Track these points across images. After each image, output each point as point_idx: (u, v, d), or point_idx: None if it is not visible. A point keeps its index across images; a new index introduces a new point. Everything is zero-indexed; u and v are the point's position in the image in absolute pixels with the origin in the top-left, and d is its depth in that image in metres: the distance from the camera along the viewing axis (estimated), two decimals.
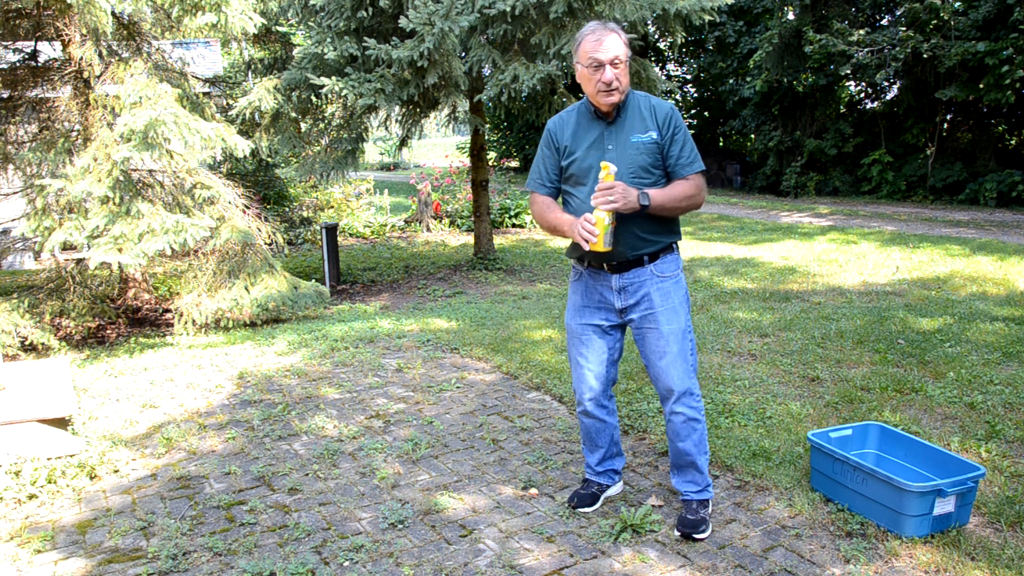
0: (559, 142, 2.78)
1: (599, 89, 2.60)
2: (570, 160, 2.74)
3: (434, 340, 5.52)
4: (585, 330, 2.85)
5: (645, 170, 2.66)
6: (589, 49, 2.59)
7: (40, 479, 3.30)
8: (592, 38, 2.60)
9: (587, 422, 2.97)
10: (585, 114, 2.75)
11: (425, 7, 6.42)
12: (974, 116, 14.97)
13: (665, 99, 3.03)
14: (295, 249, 11.21)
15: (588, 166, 2.70)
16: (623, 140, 2.67)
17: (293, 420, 4.01)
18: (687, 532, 2.72)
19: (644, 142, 2.65)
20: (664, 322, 2.71)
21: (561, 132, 2.78)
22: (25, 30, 6.30)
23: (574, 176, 2.75)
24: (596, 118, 2.72)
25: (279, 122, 7.79)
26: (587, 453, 3.05)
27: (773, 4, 16.75)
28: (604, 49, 2.57)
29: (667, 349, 2.71)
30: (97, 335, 6.42)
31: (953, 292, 6.61)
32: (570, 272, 2.93)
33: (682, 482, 2.88)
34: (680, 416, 2.76)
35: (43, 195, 5.27)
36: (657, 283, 2.72)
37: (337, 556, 2.69)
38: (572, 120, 2.78)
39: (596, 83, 2.60)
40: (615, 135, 2.68)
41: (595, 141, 2.70)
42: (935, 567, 2.50)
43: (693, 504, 2.83)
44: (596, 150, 2.69)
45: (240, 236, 6.05)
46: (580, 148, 2.72)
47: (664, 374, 2.74)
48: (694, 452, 2.80)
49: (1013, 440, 3.42)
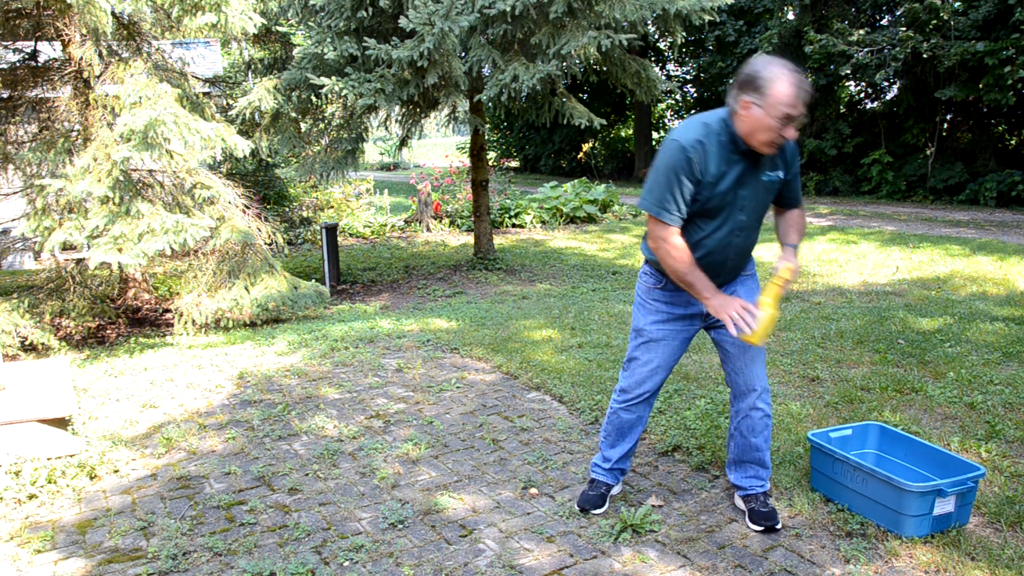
0: (703, 175, 2.53)
1: (772, 140, 2.46)
2: (710, 195, 2.56)
3: (434, 340, 5.52)
4: (666, 335, 2.80)
5: (764, 208, 2.68)
6: (786, 101, 2.38)
7: (40, 479, 3.30)
8: (792, 90, 2.38)
9: (628, 418, 2.93)
10: (727, 144, 2.52)
11: (425, 7, 6.42)
12: (974, 116, 14.97)
13: (666, 98, 3.00)
14: (295, 249, 11.21)
15: (726, 204, 2.59)
16: (757, 177, 2.59)
17: (293, 420, 4.01)
18: (769, 524, 2.75)
19: (773, 180, 2.62)
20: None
21: (705, 163, 2.52)
22: (25, 30, 6.30)
23: (706, 210, 2.60)
24: (738, 151, 2.53)
25: (279, 122, 7.79)
26: (607, 447, 3.00)
27: (773, 4, 16.76)
28: (801, 107, 2.41)
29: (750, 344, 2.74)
30: (97, 335, 6.42)
31: (953, 292, 6.61)
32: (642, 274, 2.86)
33: (744, 478, 2.88)
34: (760, 412, 2.78)
35: (43, 195, 5.27)
36: (743, 280, 2.79)
37: (337, 556, 2.69)
38: (714, 150, 2.52)
39: (774, 134, 2.43)
40: (751, 173, 2.57)
41: (737, 178, 2.55)
42: (935, 567, 2.50)
43: (760, 497, 2.86)
44: (733, 188, 2.56)
45: (240, 236, 6.06)
46: (723, 184, 2.55)
47: (749, 370, 2.76)
48: (764, 447, 2.84)
49: (1013, 440, 3.42)
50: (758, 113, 2.42)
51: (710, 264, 2.65)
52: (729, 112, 2.52)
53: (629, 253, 9.96)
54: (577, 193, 13.89)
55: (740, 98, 2.45)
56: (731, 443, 2.90)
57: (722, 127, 2.53)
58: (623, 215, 13.77)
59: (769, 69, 2.42)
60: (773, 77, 2.40)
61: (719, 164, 2.52)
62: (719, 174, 2.53)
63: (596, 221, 13.38)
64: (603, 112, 22.31)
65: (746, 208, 2.61)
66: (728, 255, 2.67)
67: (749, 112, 2.45)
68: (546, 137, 24.53)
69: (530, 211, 13.08)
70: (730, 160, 2.54)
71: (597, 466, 3.03)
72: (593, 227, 12.75)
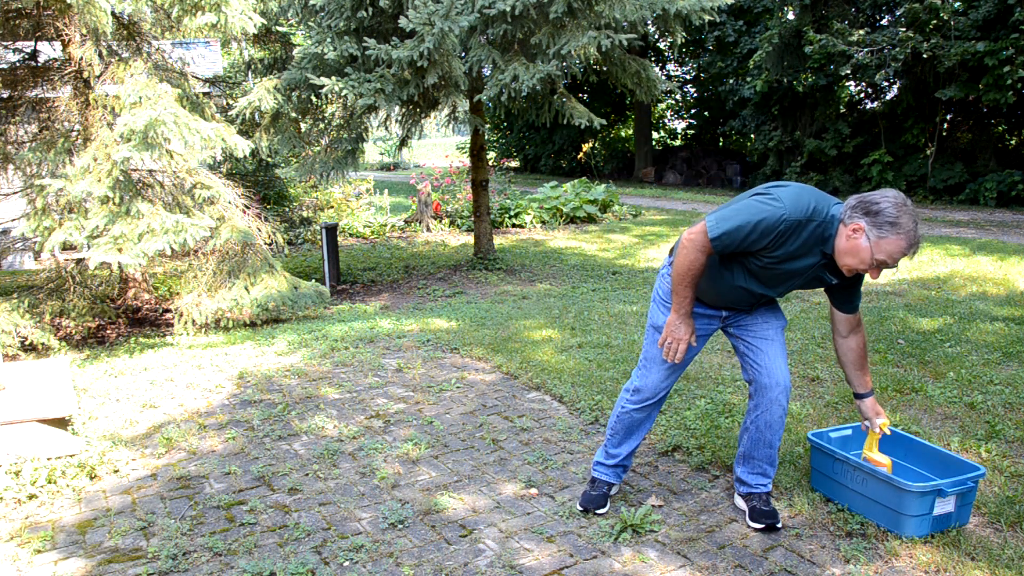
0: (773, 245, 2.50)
1: (857, 270, 2.48)
2: (768, 263, 2.57)
3: (434, 340, 5.52)
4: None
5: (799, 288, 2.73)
6: (895, 253, 2.39)
7: (40, 479, 3.30)
8: (905, 246, 2.38)
9: (637, 417, 2.94)
10: (817, 237, 2.51)
11: (425, 7, 6.42)
12: (974, 116, 14.97)
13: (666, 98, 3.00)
14: (295, 249, 11.21)
15: (771, 277, 2.63)
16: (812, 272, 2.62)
17: (293, 420, 4.01)
18: (770, 523, 2.76)
19: (825, 279, 2.66)
20: (773, 316, 2.82)
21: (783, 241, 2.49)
22: (25, 30, 6.29)
23: (756, 272, 2.63)
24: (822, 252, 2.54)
25: (279, 122, 7.79)
26: (613, 445, 3.00)
27: (773, 4, 16.76)
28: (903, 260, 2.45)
29: (774, 339, 2.79)
30: (97, 335, 6.42)
31: (953, 292, 6.61)
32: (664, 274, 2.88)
33: (751, 474, 2.88)
34: (780, 408, 2.78)
35: (43, 195, 5.27)
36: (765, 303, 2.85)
37: (337, 556, 2.69)
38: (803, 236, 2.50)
39: (864, 267, 2.45)
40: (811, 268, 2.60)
41: (800, 267, 2.58)
42: (935, 567, 2.50)
43: (763, 496, 2.86)
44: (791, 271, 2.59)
45: (240, 236, 6.06)
46: (786, 265, 2.57)
47: (771, 365, 2.76)
48: (776, 444, 2.85)
49: (1013, 440, 3.42)
50: (863, 244, 2.41)
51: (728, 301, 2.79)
52: (838, 221, 2.48)
53: (629, 253, 9.96)
54: (577, 193, 13.89)
55: (855, 220, 2.42)
56: (744, 436, 2.89)
57: (826, 226, 2.49)
58: (623, 215, 13.77)
59: (896, 213, 2.37)
60: (896, 224, 2.37)
61: (797, 249, 2.52)
62: (789, 256, 2.53)
63: (596, 221, 13.38)
64: (603, 112, 22.31)
65: (786, 287, 2.69)
66: (753, 304, 2.80)
67: (855, 237, 2.42)
68: (546, 137, 24.52)
69: (530, 211, 13.08)
70: (810, 253, 2.54)
71: (600, 465, 3.03)
72: (593, 227, 12.75)
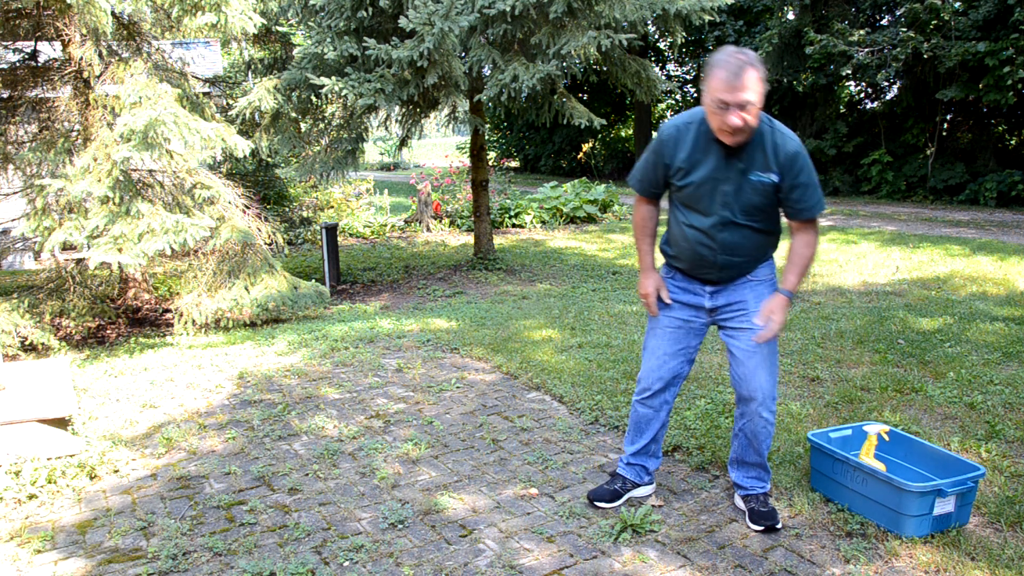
0: (671, 159, 2.61)
1: (720, 127, 2.45)
2: (684, 182, 2.61)
3: (434, 340, 5.52)
4: (671, 322, 2.82)
5: (759, 210, 2.59)
6: (717, 88, 2.37)
7: (40, 479, 3.30)
8: (724, 75, 2.36)
9: (642, 412, 2.94)
10: (706, 134, 2.55)
11: (425, 7, 6.42)
12: (974, 116, 14.97)
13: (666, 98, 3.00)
14: (295, 249, 11.21)
15: (704, 194, 2.59)
16: (741, 175, 2.54)
17: (293, 420, 4.01)
18: (770, 524, 2.74)
19: (764, 182, 2.53)
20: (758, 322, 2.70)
21: (675, 149, 2.60)
22: (25, 30, 6.29)
23: (687, 200, 2.65)
24: (714, 142, 2.54)
25: (279, 122, 7.79)
26: (627, 442, 3.02)
27: (773, 4, 16.76)
28: (735, 92, 2.35)
29: (756, 350, 2.68)
30: (97, 335, 6.42)
31: (953, 292, 6.61)
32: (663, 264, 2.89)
33: (746, 477, 2.87)
34: (762, 420, 2.73)
35: (43, 195, 5.27)
36: (751, 284, 2.71)
37: (337, 556, 2.69)
38: (690, 138, 2.57)
39: (719, 121, 2.43)
40: (733, 167, 2.54)
41: (713, 171, 2.55)
42: (935, 567, 2.50)
43: (761, 497, 2.85)
44: (711, 181, 2.56)
45: (240, 236, 6.05)
46: (696, 173, 2.57)
47: (754, 375, 2.69)
48: (764, 451, 2.82)
49: (1013, 440, 3.42)
50: (705, 100, 2.46)
51: (695, 255, 2.69)
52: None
53: (629, 253, 9.95)
54: (577, 193, 13.89)
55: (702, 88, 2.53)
56: (735, 442, 2.89)
57: (706, 122, 2.55)
58: (623, 215, 13.77)
59: (714, 57, 2.44)
60: (712, 64, 2.42)
61: (692, 152, 2.57)
62: (691, 162, 2.58)
63: (596, 221, 13.38)
64: (603, 112, 22.31)
65: (730, 205, 2.58)
66: (716, 250, 2.64)
67: (702, 101, 2.51)
68: (546, 137, 24.52)
69: (530, 211, 13.08)
70: (706, 150, 2.56)
71: (622, 458, 3.06)
72: (593, 227, 12.75)
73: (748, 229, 2.63)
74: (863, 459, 2.86)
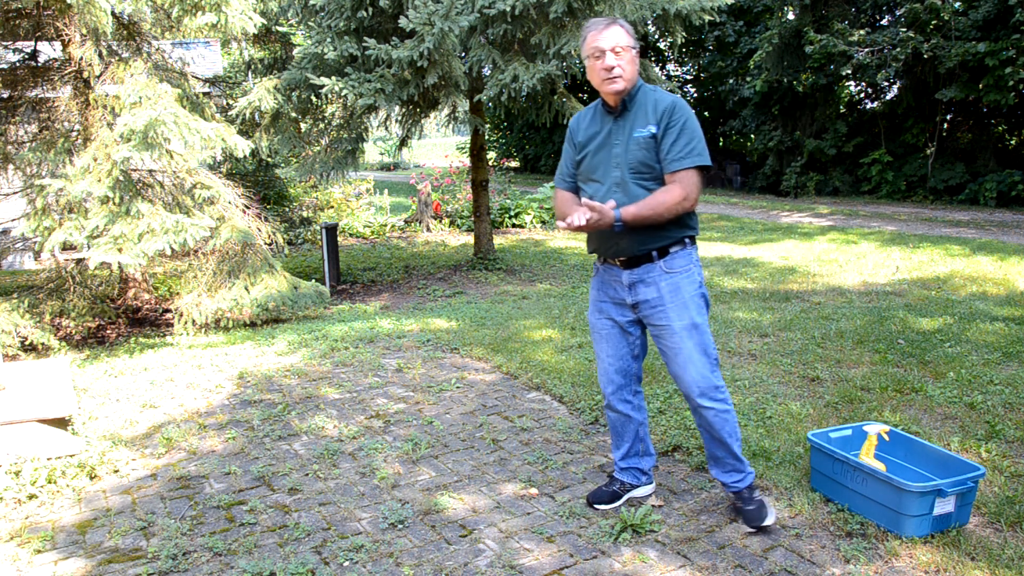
0: (575, 137, 2.82)
1: (602, 77, 2.62)
2: (582, 155, 2.78)
3: (434, 340, 5.52)
4: (604, 325, 2.86)
5: (646, 166, 2.64)
6: (590, 39, 2.64)
7: (40, 479, 3.30)
8: (594, 30, 2.64)
9: (611, 416, 2.97)
10: (600, 110, 2.78)
11: (425, 7, 6.42)
12: (974, 116, 14.97)
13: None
14: (295, 249, 11.21)
15: (596, 163, 2.73)
16: (627, 135, 2.67)
17: (293, 420, 4.01)
18: (756, 525, 2.73)
19: (644, 136, 2.63)
20: (675, 317, 2.67)
21: (578, 128, 2.83)
22: (25, 30, 6.30)
23: (584, 172, 2.78)
24: (607, 113, 2.74)
25: (279, 122, 7.79)
26: (613, 449, 3.05)
27: (773, 4, 16.76)
28: (604, 37, 2.61)
29: (681, 345, 2.67)
30: (97, 335, 6.42)
31: (953, 292, 6.61)
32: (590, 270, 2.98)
33: (723, 473, 2.85)
34: (710, 411, 2.71)
35: (43, 195, 5.27)
36: (666, 278, 2.69)
37: (337, 556, 2.69)
38: (588, 116, 2.81)
39: (599, 71, 2.62)
40: (621, 130, 2.68)
41: (605, 138, 2.72)
42: (935, 567, 2.50)
43: (743, 493, 2.81)
44: (605, 148, 2.71)
45: (240, 236, 6.05)
46: (591, 144, 2.75)
47: (682, 371, 2.70)
48: (729, 441, 2.76)
49: (1013, 440, 3.42)
50: (588, 65, 2.69)
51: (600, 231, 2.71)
52: None
53: None
54: None
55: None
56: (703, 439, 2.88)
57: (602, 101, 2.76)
58: None
59: (584, 28, 2.70)
60: (584, 31, 2.69)
61: (589, 126, 2.78)
62: (589, 135, 2.77)
63: None
64: None
65: (620, 165, 2.68)
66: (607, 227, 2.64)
67: (587, 71, 2.71)
68: (546, 137, 24.52)
69: (530, 211, 13.08)
70: (602, 123, 2.75)
71: (615, 463, 3.07)
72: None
73: (640, 189, 2.65)
74: (863, 459, 2.86)
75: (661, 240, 2.68)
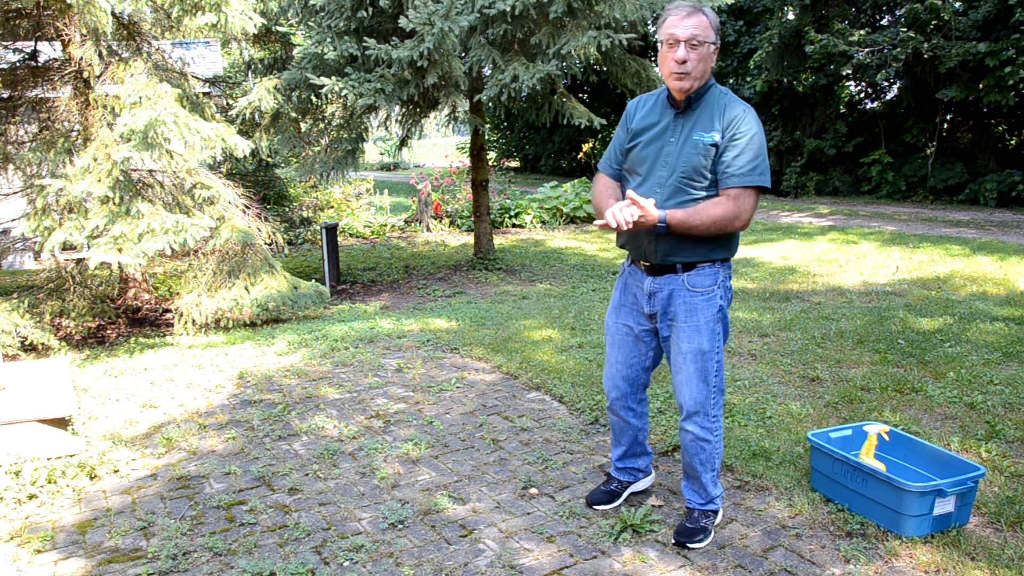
0: (629, 123, 2.67)
1: (671, 70, 2.46)
2: (633, 143, 2.63)
3: (434, 340, 5.52)
4: (619, 329, 2.80)
5: (698, 172, 2.49)
6: (669, 24, 2.47)
7: (40, 479, 3.30)
8: (676, 14, 2.47)
9: (613, 419, 2.96)
10: (663, 100, 2.61)
11: (425, 7, 6.42)
12: (974, 116, 14.97)
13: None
14: (295, 249, 11.21)
15: (644, 156, 2.59)
16: (686, 135, 2.52)
17: (293, 420, 4.01)
18: (681, 540, 2.67)
19: (704, 142, 2.48)
20: (684, 339, 2.59)
21: (635, 112, 2.68)
22: (25, 30, 6.29)
23: (632, 164, 2.64)
24: (669, 106, 2.58)
25: (279, 122, 7.79)
26: (612, 448, 3.05)
27: (773, 4, 16.75)
28: (684, 25, 2.43)
29: (682, 366, 2.62)
30: (97, 335, 6.42)
31: (953, 292, 6.61)
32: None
33: (688, 489, 2.82)
34: (689, 435, 2.68)
35: (43, 195, 5.27)
36: (686, 296, 2.58)
37: (337, 556, 2.69)
38: (649, 103, 2.66)
39: (670, 61, 2.46)
40: (681, 128, 2.53)
41: (660, 131, 2.57)
42: (935, 567, 2.50)
43: (695, 513, 2.76)
44: (657, 141, 2.57)
45: (240, 236, 6.05)
46: (645, 134, 2.60)
47: (677, 390, 2.68)
48: (699, 470, 2.71)
49: (1013, 440, 3.42)
50: (660, 49, 2.54)
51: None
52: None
53: None
54: (577, 193, 13.89)
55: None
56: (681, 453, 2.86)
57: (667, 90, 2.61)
58: None
59: (666, 8, 2.57)
60: (665, 12, 2.53)
61: (648, 114, 2.63)
62: (645, 122, 2.63)
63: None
64: (603, 112, 22.28)
65: (670, 164, 2.52)
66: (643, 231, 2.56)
67: (659, 54, 2.56)
68: (546, 137, 24.52)
69: (530, 211, 13.08)
70: (662, 114, 2.61)
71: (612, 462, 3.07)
72: (593, 227, 12.74)
73: (685, 194, 2.51)
74: (863, 459, 2.86)
75: (691, 254, 2.55)
